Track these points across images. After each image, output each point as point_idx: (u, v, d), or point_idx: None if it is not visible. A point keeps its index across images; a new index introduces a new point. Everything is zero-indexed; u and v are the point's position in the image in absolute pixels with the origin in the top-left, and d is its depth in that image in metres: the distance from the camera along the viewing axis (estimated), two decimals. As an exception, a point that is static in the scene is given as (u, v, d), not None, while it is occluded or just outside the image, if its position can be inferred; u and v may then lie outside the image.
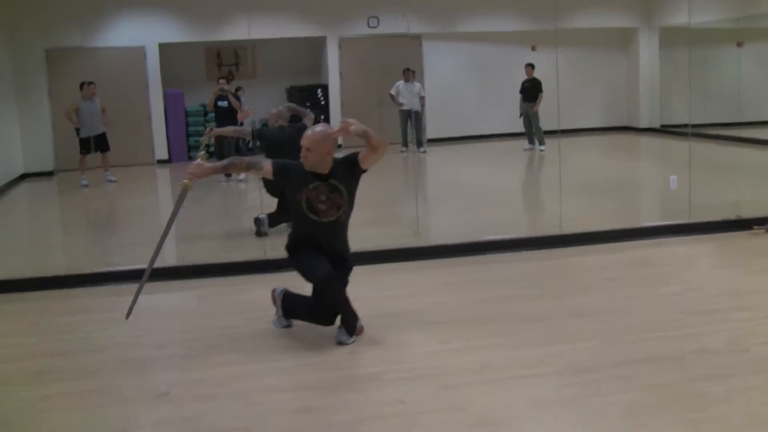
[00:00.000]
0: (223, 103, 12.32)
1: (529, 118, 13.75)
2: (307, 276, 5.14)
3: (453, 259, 7.11)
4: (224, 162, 5.35)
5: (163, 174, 13.13)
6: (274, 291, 5.53)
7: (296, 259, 5.24)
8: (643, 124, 16.33)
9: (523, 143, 14.11)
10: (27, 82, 13.57)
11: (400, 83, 13.86)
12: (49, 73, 13.96)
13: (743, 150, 13.78)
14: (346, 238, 5.34)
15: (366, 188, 5.51)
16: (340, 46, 15.20)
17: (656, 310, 5.54)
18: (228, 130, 9.22)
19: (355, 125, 5.01)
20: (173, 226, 5.30)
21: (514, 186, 12.34)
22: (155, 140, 14.52)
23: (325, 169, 5.13)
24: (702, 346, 4.80)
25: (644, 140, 15.99)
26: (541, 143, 13.81)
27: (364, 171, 5.23)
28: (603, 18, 15.67)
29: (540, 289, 6.19)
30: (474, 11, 15.09)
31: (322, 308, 5.18)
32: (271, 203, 8.27)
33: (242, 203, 11.24)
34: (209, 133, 8.82)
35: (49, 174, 13.77)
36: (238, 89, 13.34)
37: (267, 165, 5.21)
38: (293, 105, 8.94)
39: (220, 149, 12.02)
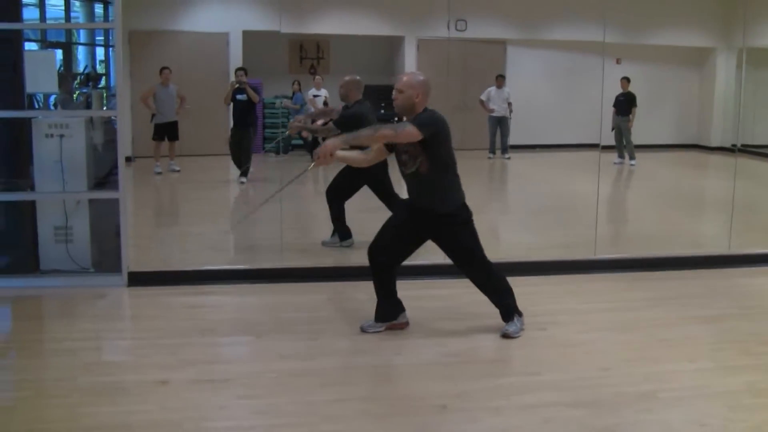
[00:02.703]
0: (242, 97, 11.63)
1: (621, 132, 13.62)
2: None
3: (628, 274, 6.95)
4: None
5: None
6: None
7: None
8: (714, 143, 16.30)
9: (612, 157, 13.95)
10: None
11: (492, 89, 13.70)
12: (131, 56, 13.64)
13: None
14: (436, 192, 5.08)
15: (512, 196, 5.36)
16: (417, 47, 15.01)
17: None
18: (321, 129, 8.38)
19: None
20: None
21: (637, 200, 12.06)
22: (232, 131, 14.20)
23: (408, 116, 5.01)
24: None
25: (726, 160, 15.94)
26: (632, 157, 13.71)
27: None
28: (682, 36, 15.67)
29: (743, 309, 6.02)
30: (559, 19, 14.98)
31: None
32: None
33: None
34: (298, 127, 8.24)
35: (127, 160, 13.42)
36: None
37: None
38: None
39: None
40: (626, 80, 13.33)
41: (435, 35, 14.73)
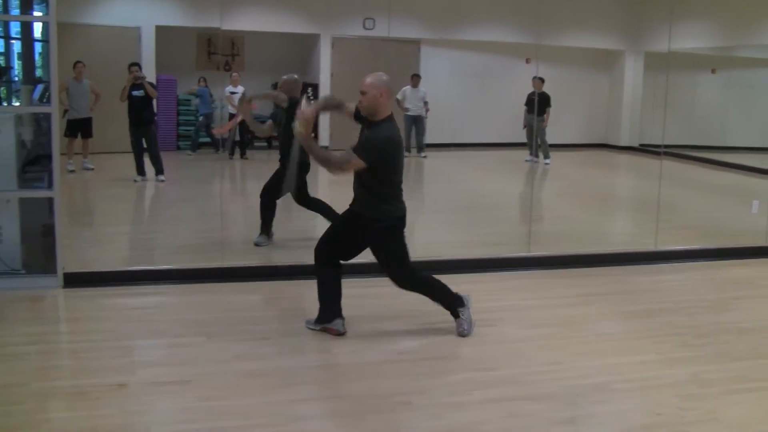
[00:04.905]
0: (139, 93, 11.41)
1: (533, 131, 13.89)
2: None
3: (561, 270, 7.12)
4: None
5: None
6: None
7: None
8: (623, 143, 16.88)
9: (523, 154, 14.25)
10: (16, 59, 12.75)
11: (407, 88, 13.75)
12: (39, 50, 13.17)
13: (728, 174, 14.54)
14: (368, 199, 5.09)
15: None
16: (332, 45, 14.99)
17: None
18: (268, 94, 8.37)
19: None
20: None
21: (558, 198, 12.04)
22: (143, 128, 13.82)
23: (372, 117, 5.02)
24: None
25: (635, 159, 16.47)
26: (546, 156, 14.03)
27: None
28: (592, 39, 16.16)
29: (675, 303, 6.29)
30: (472, 20, 15.20)
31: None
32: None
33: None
34: (246, 107, 8.09)
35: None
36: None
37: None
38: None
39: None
40: (540, 80, 13.60)
41: (350, 34, 14.78)
